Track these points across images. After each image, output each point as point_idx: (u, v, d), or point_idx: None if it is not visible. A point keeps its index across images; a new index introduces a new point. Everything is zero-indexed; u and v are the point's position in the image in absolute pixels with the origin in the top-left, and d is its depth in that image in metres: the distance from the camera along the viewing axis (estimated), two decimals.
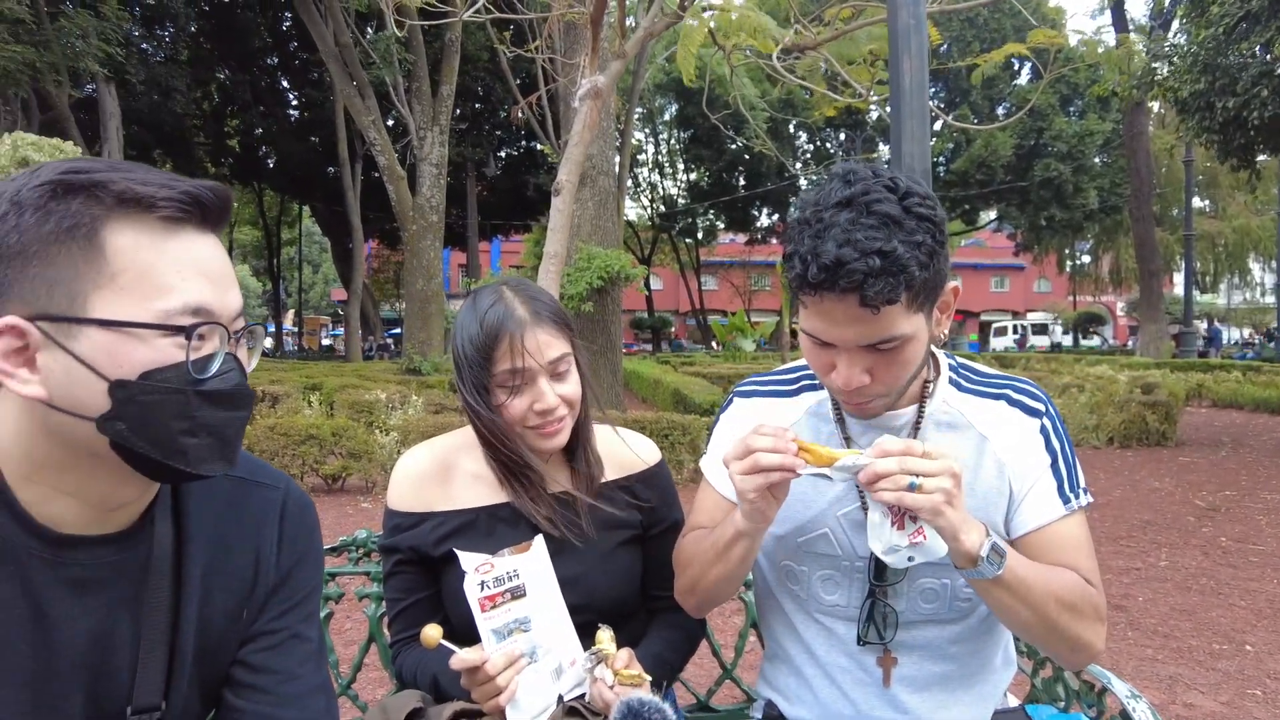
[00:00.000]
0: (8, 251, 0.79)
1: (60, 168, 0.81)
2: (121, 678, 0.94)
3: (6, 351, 0.80)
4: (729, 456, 1.18)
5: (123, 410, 0.82)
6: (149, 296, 0.82)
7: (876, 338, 1.15)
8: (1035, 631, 1.23)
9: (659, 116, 35.60)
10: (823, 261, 1.09)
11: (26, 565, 0.88)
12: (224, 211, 0.88)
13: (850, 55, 5.69)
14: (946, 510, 1.10)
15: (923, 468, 1.10)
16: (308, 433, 7.21)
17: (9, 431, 0.86)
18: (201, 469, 0.88)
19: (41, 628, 0.89)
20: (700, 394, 10.76)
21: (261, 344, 0.98)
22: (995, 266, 58.66)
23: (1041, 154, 30.98)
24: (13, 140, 9.78)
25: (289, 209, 40.29)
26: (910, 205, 1.12)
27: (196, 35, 24.81)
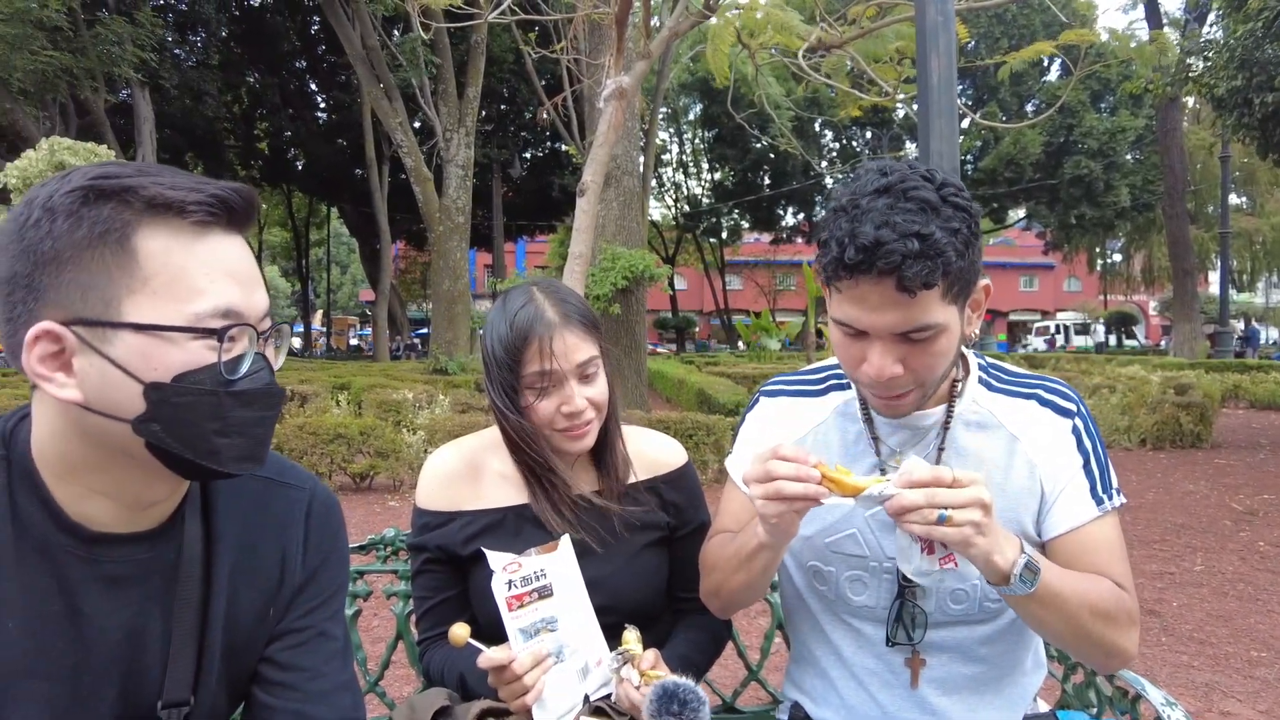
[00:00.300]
0: (42, 258, 0.80)
1: (91, 173, 0.82)
2: (152, 673, 0.96)
3: (43, 356, 0.82)
4: (749, 477, 1.15)
5: (157, 412, 0.84)
6: (181, 300, 0.83)
7: (911, 325, 1.13)
8: (1069, 641, 1.21)
9: (683, 116, 35.58)
10: (860, 242, 1.08)
11: (62, 563, 0.90)
12: (250, 213, 0.89)
13: (876, 53, 5.64)
14: (978, 540, 1.07)
15: (951, 499, 1.06)
16: (336, 432, 7.29)
17: (46, 433, 0.88)
18: (233, 468, 0.89)
19: (76, 623, 0.91)
20: (725, 394, 10.72)
21: (288, 342, 1.00)
22: (1024, 265, 57.89)
23: (1072, 151, 30.51)
24: (50, 145, 10.00)
25: (317, 210, 40.77)
26: (946, 195, 1.12)
27: (227, 40, 25.19)
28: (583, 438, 1.43)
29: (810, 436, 1.42)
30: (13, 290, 0.82)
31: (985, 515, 1.07)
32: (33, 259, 0.81)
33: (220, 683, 1.01)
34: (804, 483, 1.10)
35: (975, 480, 1.08)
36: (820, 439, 1.41)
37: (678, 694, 1.12)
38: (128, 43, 17.29)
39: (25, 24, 15.35)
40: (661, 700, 1.13)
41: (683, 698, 1.11)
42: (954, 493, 1.07)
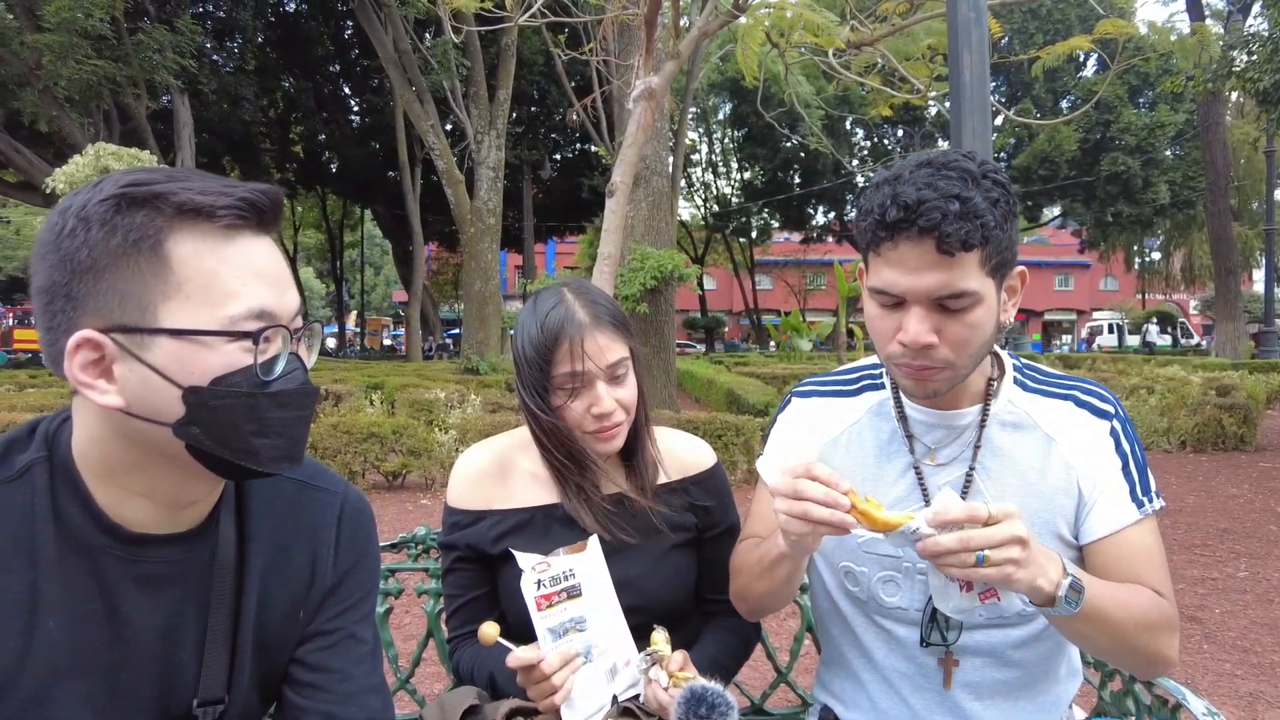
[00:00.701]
0: (79, 267, 0.82)
1: (122, 180, 0.84)
2: (188, 672, 0.98)
3: (84, 364, 0.84)
4: (776, 490, 1.13)
5: (196, 415, 0.85)
6: (214, 303, 0.84)
7: (949, 289, 1.13)
8: (1110, 653, 1.20)
9: (713, 116, 35.51)
10: (902, 201, 1.10)
11: (102, 563, 0.92)
12: (277, 213, 0.90)
13: (908, 51, 5.58)
14: (1019, 575, 1.05)
15: (987, 540, 1.03)
16: (369, 431, 7.37)
17: (87, 436, 0.90)
18: (272, 467, 0.91)
19: (114, 623, 0.93)
20: (754, 394, 10.68)
21: (319, 340, 1.01)
22: (1059, 264, 56.94)
23: (1109, 148, 29.94)
24: (95, 151, 10.25)
25: (351, 213, 41.30)
26: (986, 170, 1.14)
27: (263, 45, 25.63)
28: (612, 439, 1.44)
29: (844, 436, 1.41)
30: (52, 299, 0.84)
31: (1024, 550, 1.05)
32: (70, 268, 0.82)
33: (253, 682, 1.03)
34: (832, 509, 1.07)
35: (1011, 514, 1.05)
36: (854, 439, 1.40)
37: (706, 697, 1.12)
38: (168, 50, 17.67)
39: (71, 33, 15.76)
40: (689, 704, 1.13)
41: (711, 701, 1.11)
42: (989, 533, 1.03)
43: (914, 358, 1.19)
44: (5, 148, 19.78)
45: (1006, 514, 1.05)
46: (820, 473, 1.10)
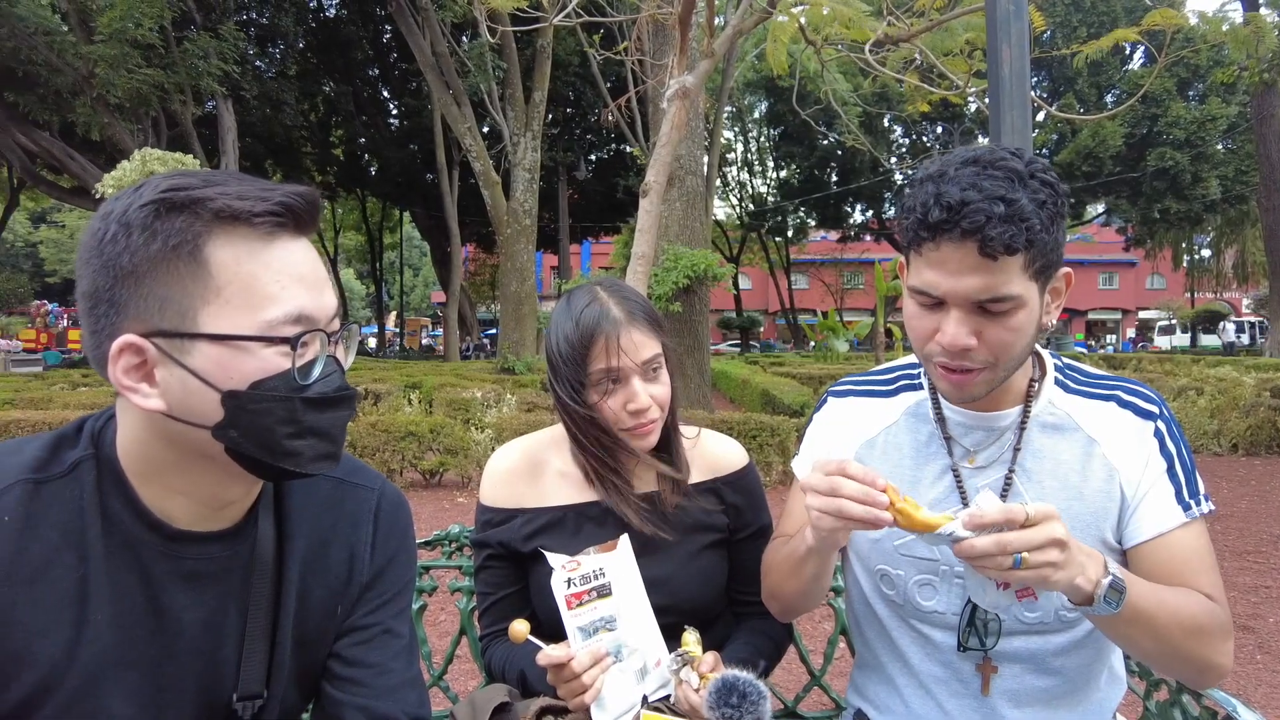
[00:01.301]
0: (121, 272, 0.83)
1: (161, 186, 0.85)
2: (229, 667, 1.00)
3: (127, 368, 0.85)
4: (809, 485, 1.11)
5: (235, 418, 0.86)
6: (253, 308, 0.85)
7: (990, 293, 1.11)
8: (1158, 658, 1.16)
9: (748, 115, 35.34)
10: (945, 202, 1.08)
11: (146, 559, 0.94)
12: (314, 216, 0.91)
13: (946, 46, 5.49)
14: (1057, 576, 1.03)
15: (1024, 542, 1.01)
16: (407, 429, 7.47)
17: (131, 437, 0.92)
18: (311, 469, 0.92)
19: (158, 617, 0.95)
20: (790, 395, 10.60)
21: (356, 341, 1.02)
22: (1103, 263, 55.62)
23: (1156, 142, 29.16)
24: (141, 156, 10.54)
25: (390, 215, 41.87)
26: (1034, 170, 1.11)
27: (304, 51, 26.13)
28: (647, 435, 1.44)
29: (881, 437, 1.39)
30: (95, 304, 0.85)
31: (1062, 552, 1.02)
32: (112, 274, 0.84)
33: (292, 677, 1.05)
34: (869, 507, 1.06)
35: (1049, 515, 1.03)
36: (891, 440, 1.38)
37: (737, 686, 1.10)
38: (213, 57, 18.09)
39: (122, 44, 16.22)
40: (721, 692, 1.12)
41: (742, 690, 1.10)
42: (1026, 535, 1.01)
43: (952, 359, 1.17)
44: (60, 154, 20.41)
45: (1045, 515, 1.03)
46: (855, 471, 1.07)
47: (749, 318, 46.61)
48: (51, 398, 10.41)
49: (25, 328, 34.29)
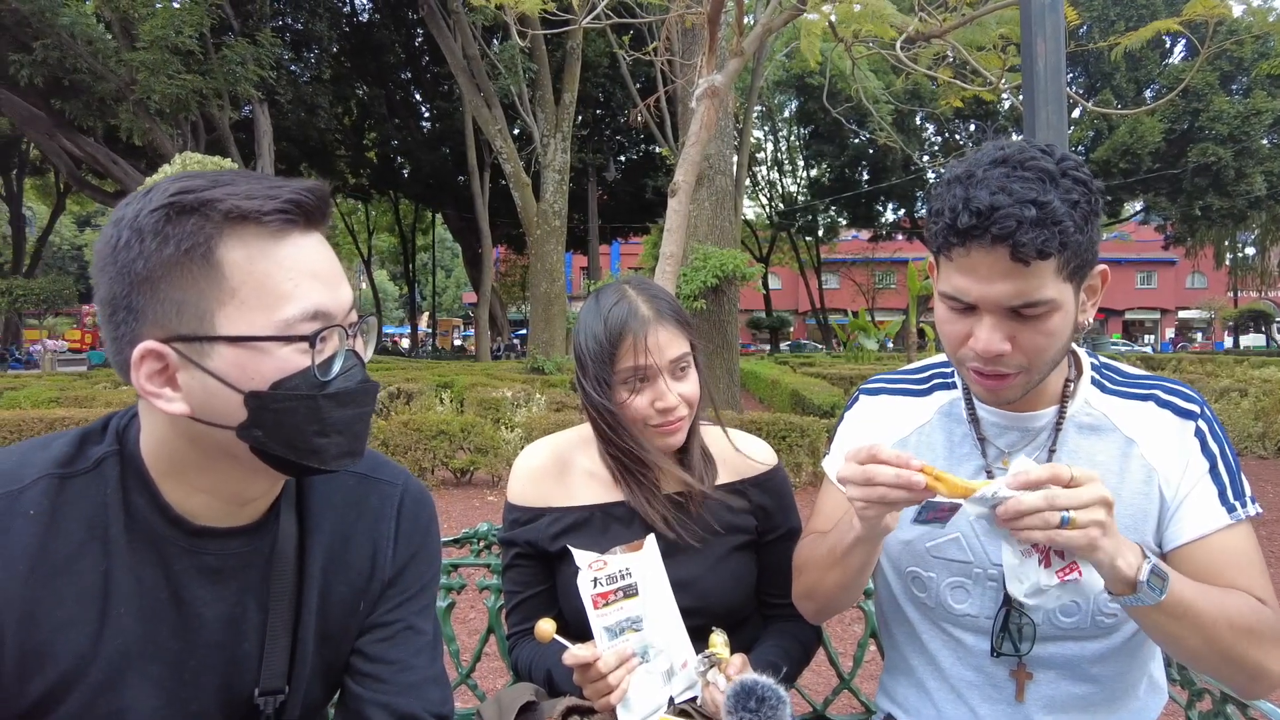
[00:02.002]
0: (136, 278, 0.84)
1: (170, 189, 0.85)
2: (250, 662, 1.01)
3: (150, 374, 0.86)
4: (844, 477, 1.10)
5: (258, 418, 0.87)
6: (269, 307, 0.85)
7: (1023, 299, 1.08)
8: (1207, 659, 1.11)
9: (778, 114, 35.18)
10: (974, 207, 1.05)
11: (168, 554, 0.95)
12: (324, 210, 0.91)
13: (979, 41, 5.41)
14: (1104, 543, 1.00)
15: (1072, 500, 0.98)
16: (439, 428, 7.54)
17: (155, 437, 0.93)
18: (334, 465, 0.92)
19: (180, 612, 0.96)
20: (820, 395, 10.52)
21: (375, 334, 1.01)
22: (1141, 261, 54.46)
23: (1197, 138, 28.50)
24: (181, 160, 10.77)
25: (423, 217, 42.33)
26: (1066, 168, 1.08)
27: (338, 55, 26.48)
28: (675, 433, 1.43)
29: (913, 437, 1.37)
30: (114, 311, 0.86)
31: (1109, 514, 1.00)
32: (128, 280, 0.84)
33: (315, 672, 1.05)
34: (906, 490, 1.04)
35: (1093, 477, 1.01)
36: (923, 440, 1.36)
37: (755, 690, 1.09)
38: (250, 62, 18.44)
39: (163, 51, 16.60)
40: (739, 696, 1.11)
41: (761, 694, 1.08)
42: (1074, 492, 0.99)
43: (985, 364, 1.15)
44: (104, 159, 20.92)
45: (1089, 476, 1.00)
46: (887, 455, 1.06)
47: (778, 318, 46.34)
48: (95, 396, 10.67)
49: (71, 328, 35.24)
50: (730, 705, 1.10)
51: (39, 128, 20.67)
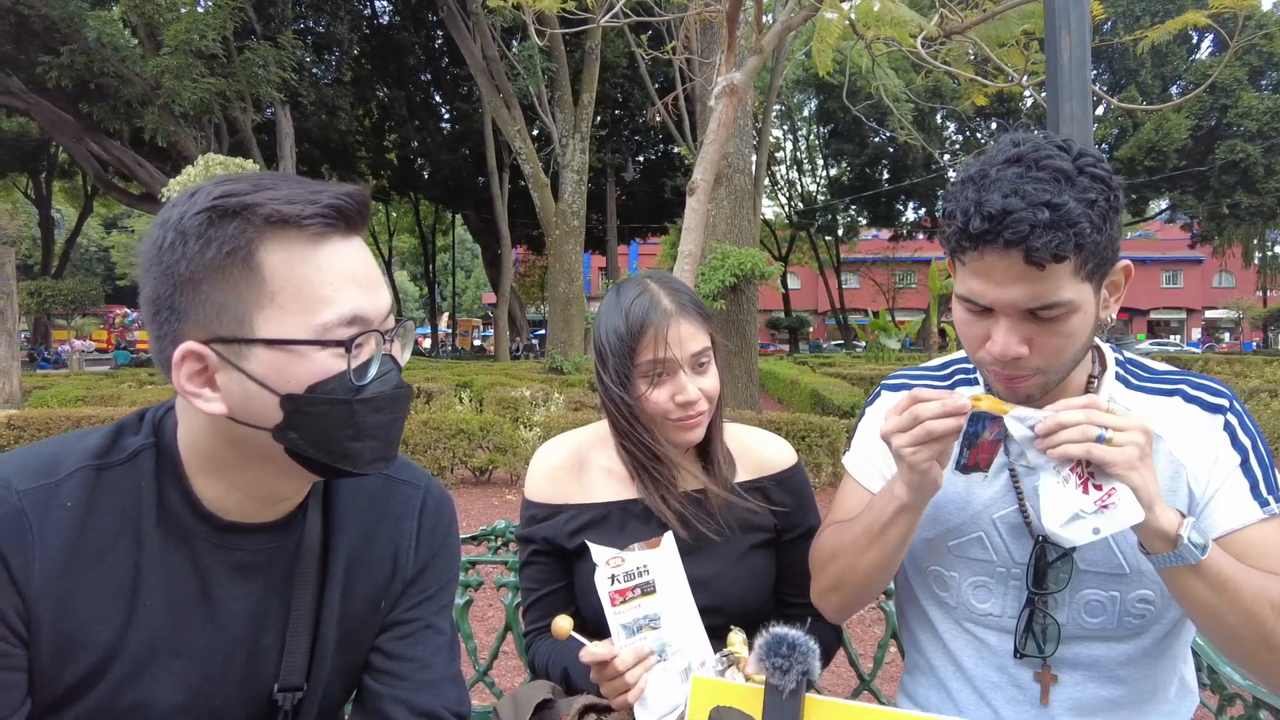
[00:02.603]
0: (179, 280, 0.85)
1: (214, 192, 0.86)
2: (270, 657, 1.01)
3: (190, 374, 0.87)
4: (888, 429, 1.12)
5: (293, 421, 0.88)
6: (307, 311, 0.86)
7: (1039, 301, 1.06)
8: (1246, 644, 1.07)
9: (798, 113, 35.05)
10: (986, 211, 1.03)
11: (198, 549, 0.96)
12: (364, 215, 0.91)
13: (1001, 37, 5.35)
14: (1141, 468, 1.01)
15: (1112, 421, 1.01)
16: (458, 427, 7.58)
17: (193, 435, 0.94)
18: (368, 469, 0.93)
19: (208, 607, 0.96)
20: (840, 395, 10.46)
21: (412, 338, 1.02)
22: (1167, 260, 53.67)
23: (1225, 134, 28.07)
24: (204, 161, 10.90)
25: (443, 218, 42.57)
26: (1083, 165, 1.05)
27: (358, 57, 26.69)
28: (694, 428, 1.42)
29: None
30: (158, 310, 0.87)
31: (1147, 441, 1.02)
32: (172, 281, 0.85)
33: (334, 670, 1.06)
34: (955, 415, 1.08)
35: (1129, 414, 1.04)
36: None
37: (787, 638, 1.06)
38: (272, 65, 18.63)
39: (187, 54, 16.82)
40: (771, 645, 1.07)
41: (792, 642, 1.05)
42: (1114, 416, 1.03)
43: (1004, 367, 1.13)
44: (130, 162, 21.24)
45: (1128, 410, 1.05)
46: (927, 394, 1.10)
47: (798, 318, 46.16)
48: (120, 395, 10.83)
49: (98, 328, 35.80)
50: (762, 653, 1.06)
51: (67, 131, 21.03)
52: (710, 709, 1.08)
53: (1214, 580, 1.04)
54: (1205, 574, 1.03)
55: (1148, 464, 1.01)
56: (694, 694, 1.09)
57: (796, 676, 1.04)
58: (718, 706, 1.08)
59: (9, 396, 11.33)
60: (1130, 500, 1.01)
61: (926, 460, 1.10)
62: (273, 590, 1.01)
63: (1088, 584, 1.22)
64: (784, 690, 1.04)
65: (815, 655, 1.08)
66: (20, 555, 0.85)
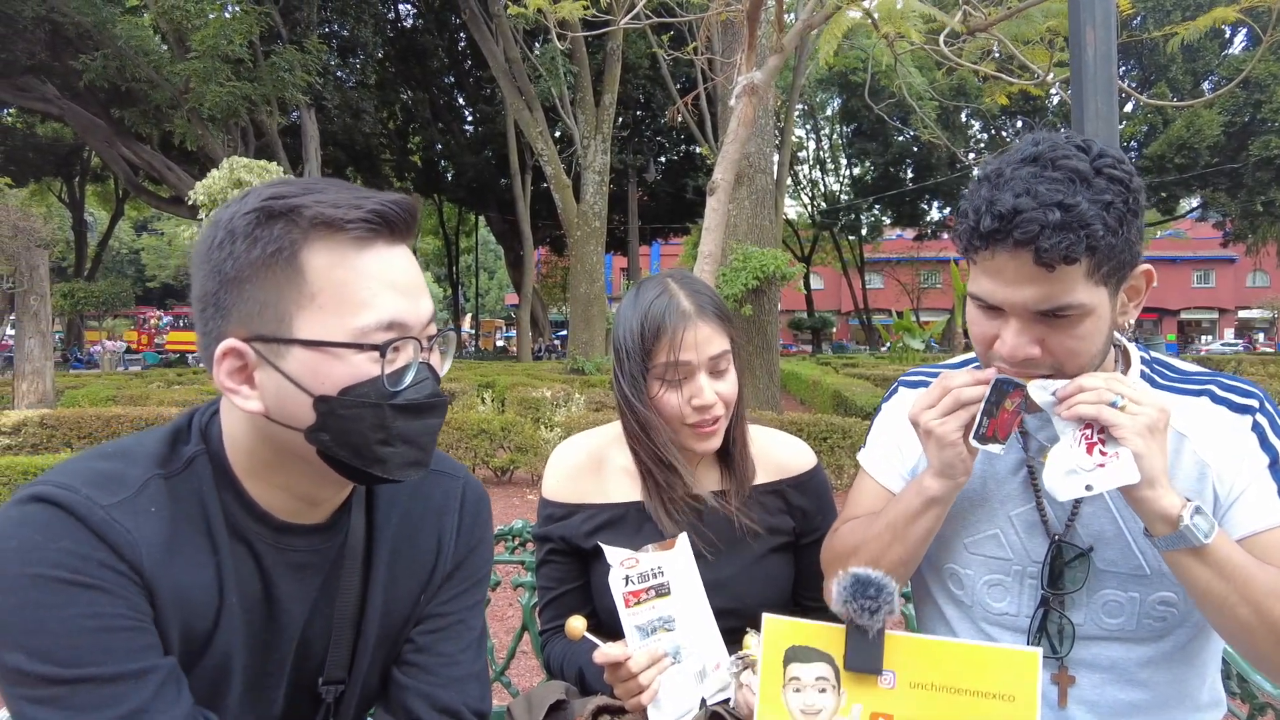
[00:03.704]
0: (226, 277, 0.87)
1: (264, 194, 0.88)
2: (316, 652, 1.04)
3: (230, 370, 0.89)
4: (917, 408, 1.16)
5: (326, 423, 0.89)
6: (345, 314, 0.87)
7: (1050, 303, 1.05)
8: (1260, 638, 1.05)
9: (820, 112, 34.85)
10: (997, 210, 1.02)
11: (259, 550, 0.98)
12: (410, 223, 0.92)
13: (1025, 35, 5.29)
14: (1148, 436, 1.03)
15: (1129, 392, 1.05)
16: (480, 427, 7.62)
17: (237, 434, 0.96)
18: (398, 475, 0.94)
19: (272, 605, 0.99)
20: (862, 396, 10.38)
21: (454, 347, 1.03)
22: (1198, 259, 52.61)
23: (1259, 130, 27.46)
24: (229, 164, 11.06)
25: (466, 219, 42.79)
26: (1101, 165, 1.03)
27: (383, 60, 26.93)
28: (712, 435, 1.41)
29: None
30: (205, 307, 0.89)
31: (1162, 423, 1.04)
32: (219, 278, 0.87)
33: (374, 665, 1.08)
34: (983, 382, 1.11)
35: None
36: None
37: (872, 580, 1.05)
38: (297, 69, 18.86)
39: (214, 59, 17.07)
40: (856, 585, 1.06)
41: (878, 583, 1.05)
42: (1134, 389, 1.06)
43: (1015, 368, 1.12)
44: (159, 165, 21.61)
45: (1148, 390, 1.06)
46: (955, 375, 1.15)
47: (821, 318, 45.85)
48: (149, 395, 10.99)
49: (129, 329, 36.42)
50: (847, 595, 1.04)
51: (99, 136, 21.44)
52: (786, 648, 1.09)
53: (1221, 567, 1.02)
54: (1211, 560, 1.02)
55: (1157, 439, 1.03)
56: (767, 634, 1.09)
57: (884, 617, 1.04)
58: (794, 646, 1.09)
59: (43, 396, 11.56)
60: (1130, 464, 1.03)
61: (955, 431, 1.12)
62: (323, 589, 1.03)
63: (1106, 584, 1.20)
64: (870, 630, 1.05)
65: (897, 594, 1.08)
66: (130, 548, 0.86)
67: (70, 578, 0.82)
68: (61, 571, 0.82)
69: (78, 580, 0.83)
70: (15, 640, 0.81)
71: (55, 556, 0.82)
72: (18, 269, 11.64)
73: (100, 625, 0.83)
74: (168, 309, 39.50)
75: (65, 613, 0.82)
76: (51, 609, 0.81)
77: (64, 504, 0.85)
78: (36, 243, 11.76)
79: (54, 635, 0.81)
